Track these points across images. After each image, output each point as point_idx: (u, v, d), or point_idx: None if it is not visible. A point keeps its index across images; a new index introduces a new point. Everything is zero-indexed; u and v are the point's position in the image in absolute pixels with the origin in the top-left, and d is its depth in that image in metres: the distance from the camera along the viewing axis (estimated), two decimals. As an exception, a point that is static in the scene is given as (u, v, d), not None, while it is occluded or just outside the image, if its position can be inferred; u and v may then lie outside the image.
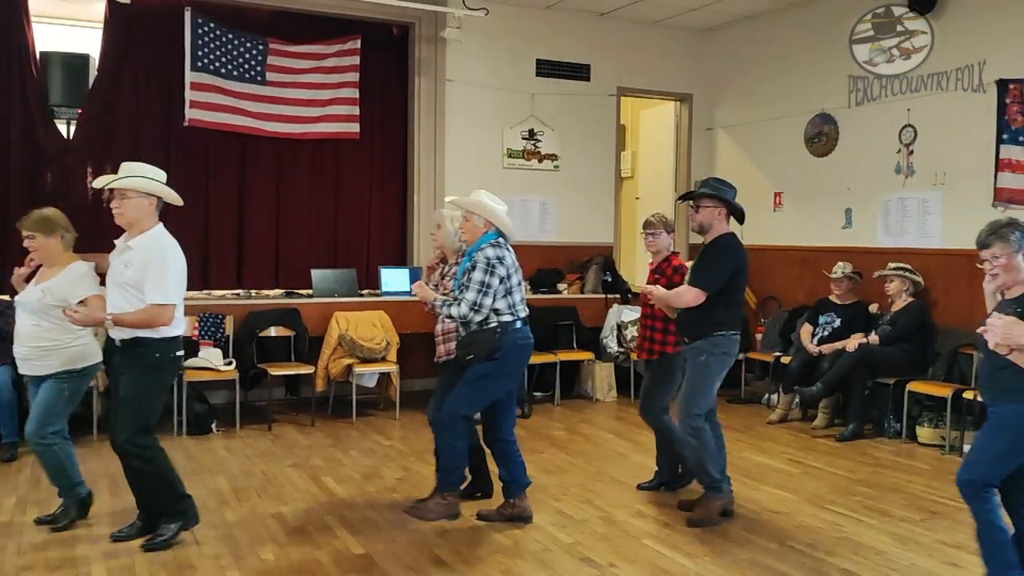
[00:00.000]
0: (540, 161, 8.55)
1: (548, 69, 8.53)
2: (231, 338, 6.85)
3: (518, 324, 4.48)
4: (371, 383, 7.12)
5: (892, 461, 5.98)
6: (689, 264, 4.86)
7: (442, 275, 4.90)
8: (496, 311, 4.39)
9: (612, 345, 7.93)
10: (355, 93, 7.96)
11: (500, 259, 4.39)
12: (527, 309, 4.59)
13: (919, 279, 6.72)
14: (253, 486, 5.19)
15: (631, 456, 6.02)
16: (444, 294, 4.60)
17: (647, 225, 5.15)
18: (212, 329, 6.75)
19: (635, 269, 9.85)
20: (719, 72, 9.05)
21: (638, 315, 8.01)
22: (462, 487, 4.72)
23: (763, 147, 8.60)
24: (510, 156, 8.42)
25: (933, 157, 6.87)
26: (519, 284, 4.50)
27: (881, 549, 4.29)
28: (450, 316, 4.42)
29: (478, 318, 4.35)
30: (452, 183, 8.13)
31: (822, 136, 7.91)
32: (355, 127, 7.97)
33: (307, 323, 7.00)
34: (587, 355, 7.92)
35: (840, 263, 7.16)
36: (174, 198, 4.21)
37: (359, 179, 8.22)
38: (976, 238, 3.51)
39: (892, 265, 6.82)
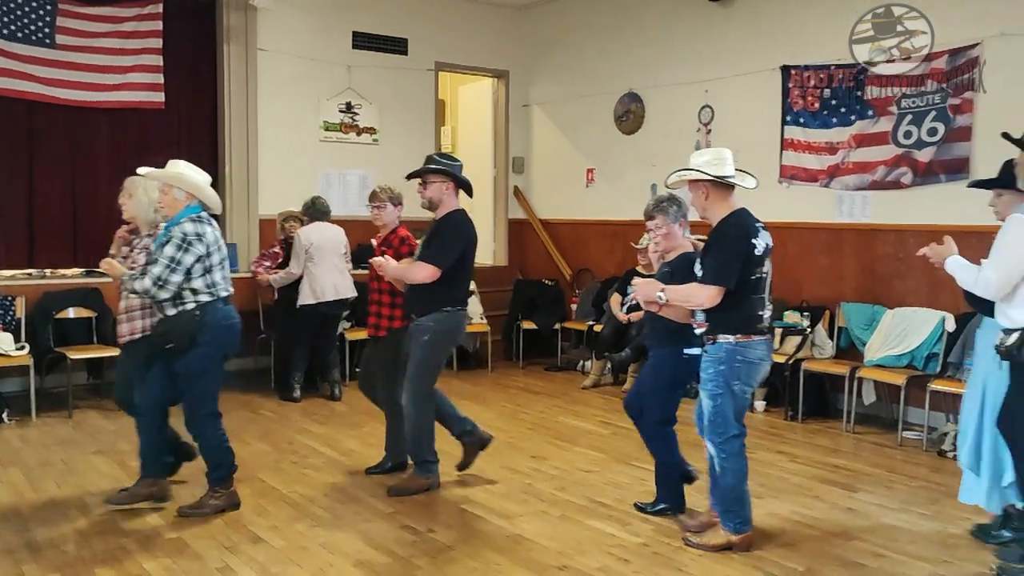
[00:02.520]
0: (358, 135, 8.45)
1: (365, 41, 8.42)
2: (23, 321, 6.37)
3: (219, 304, 4.18)
4: (183, 364, 6.83)
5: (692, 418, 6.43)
6: (418, 240, 4.79)
7: (131, 247, 4.49)
8: (194, 291, 4.08)
9: (434, 318, 8.00)
10: (158, 60, 7.52)
11: (199, 235, 4.07)
12: (231, 288, 4.29)
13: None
14: (52, 476, 4.88)
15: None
16: (131, 268, 4.24)
17: (373, 197, 5.00)
18: (0, 312, 6.24)
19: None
20: (535, 49, 9.28)
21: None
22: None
23: (576, 124, 8.92)
24: (327, 129, 8.27)
25: (728, 136, 7.38)
26: (222, 262, 4.20)
27: (680, 498, 4.63)
28: (134, 291, 4.07)
29: (163, 295, 4.01)
30: (266, 155, 7.91)
31: (630, 114, 8.30)
32: (159, 96, 7.54)
33: (111, 303, 6.60)
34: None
35: (646, 234, 7.55)
36: None
37: (165, 151, 7.64)
38: (644, 211, 4.24)
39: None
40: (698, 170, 3.82)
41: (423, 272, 4.44)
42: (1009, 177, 3.78)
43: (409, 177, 4.72)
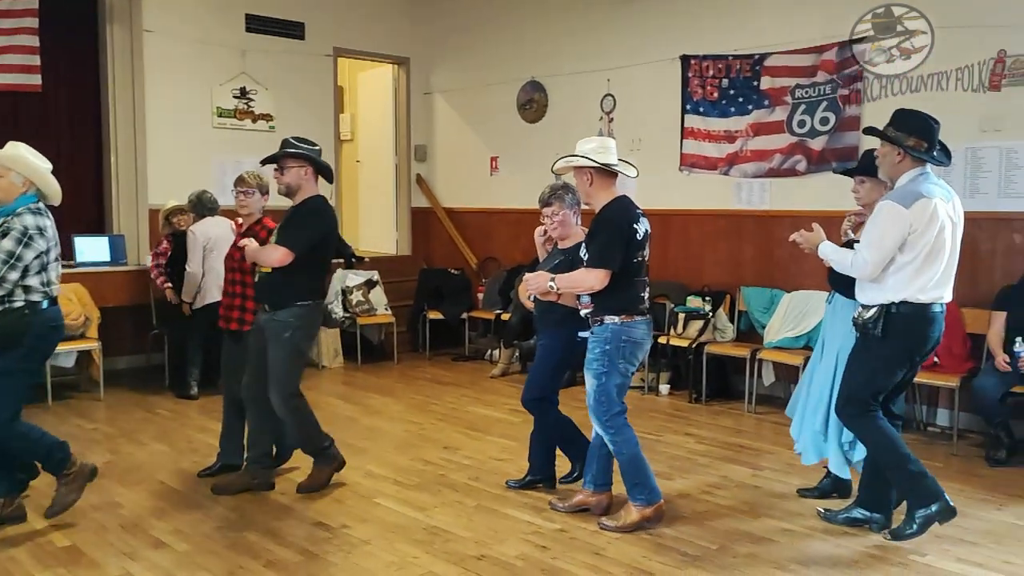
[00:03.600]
0: (254, 121, 8.16)
1: (259, 25, 8.12)
2: None
3: (48, 304, 3.86)
4: (69, 363, 6.46)
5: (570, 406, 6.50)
6: None
7: None
8: (26, 288, 3.76)
9: (337, 311, 7.82)
10: (34, 41, 7.03)
11: (41, 230, 3.76)
12: (60, 287, 4.01)
13: None
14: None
15: (361, 420, 6.01)
16: None
17: (240, 182, 4.73)
18: None
19: (358, 233, 9.79)
20: (436, 37, 9.16)
21: (362, 280, 8.04)
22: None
23: (480, 112, 8.86)
24: (220, 115, 7.95)
25: (630, 125, 7.47)
26: (57, 259, 3.91)
27: (594, 483, 4.66)
28: None
29: None
30: (156, 143, 7.54)
31: (533, 103, 8.30)
32: (36, 79, 7.05)
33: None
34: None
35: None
36: None
37: (44, 138, 7.26)
38: (539, 198, 4.32)
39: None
40: (584, 157, 3.93)
41: (276, 254, 4.21)
42: (871, 165, 4.00)
43: (264, 162, 4.51)
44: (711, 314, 6.63)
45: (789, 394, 6.34)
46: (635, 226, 3.90)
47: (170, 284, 6.60)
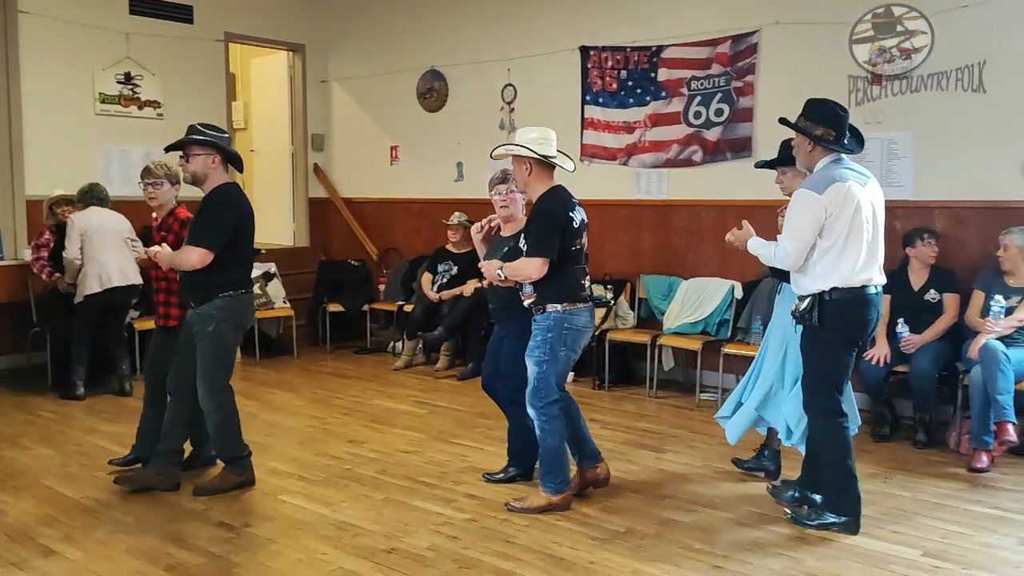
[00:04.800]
0: (140, 108, 7.79)
1: (144, 7, 7.75)
2: None
3: None
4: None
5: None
6: None
7: None
8: None
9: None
10: None
11: None
12: None
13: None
14: None
15: (261, 415, 5.84)
16: None
17: (147, 173, 4.56)
18: None
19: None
20: (332, 23, 8.95)
21: (259, 273, 7.81)
22: None
23: (379, 101, 8.73)
24: (103, 101, 7.55)
25: (531, 114, 7.49)
26: None
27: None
28: None
29: None
30: (33, 130, 7.11)
31: (433, 92, 8.23)
32: None
33: None
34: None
35: (457, 212, 7.56)
36: None
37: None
38: (491, 179, 4.43)
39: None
40: (526, 147, 3.98)
41: (194, 256, 4.10)
42: (789, 155, 4.10)
43: (168, 149, 4.36)
44: (612, 302, 6.74)
45: (688, 378, 6.56)
46: (571, 214, 3.97)
47: (58, 273, 6.28)
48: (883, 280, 3.84)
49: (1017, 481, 4.56)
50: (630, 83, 6.87)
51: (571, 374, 6.76)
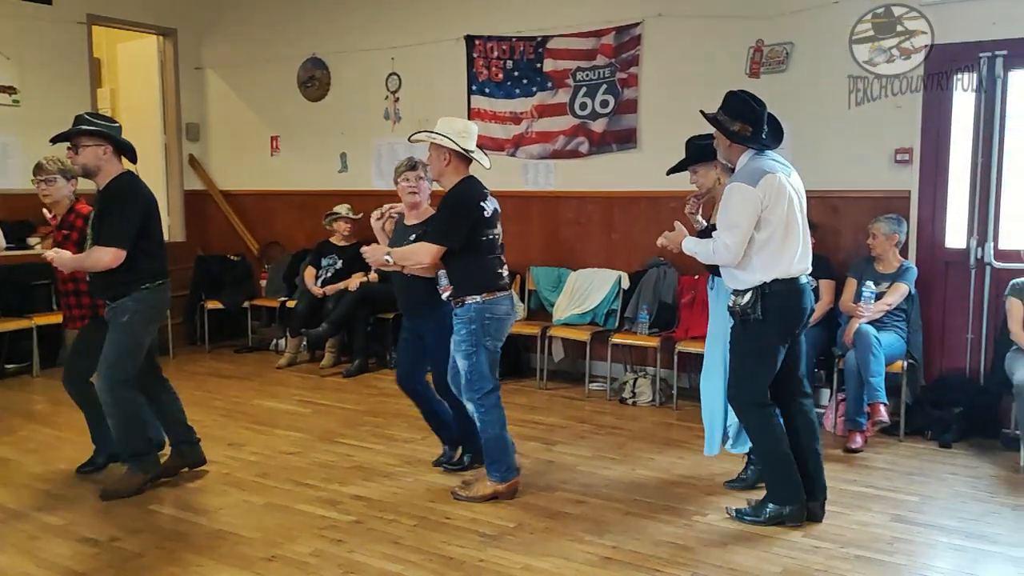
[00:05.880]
0: (-6, 93, 7.24)
1: (-4, -15, 7.20)
2: None
3: None
4: None
5: (394, 390, 6.36)
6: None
7: None
8: None
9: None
10: None
11: None
12: None
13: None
14: None
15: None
16: None
17: (38, 170, 4.39)
18: None
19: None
20: (205, 7, 8.53)
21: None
22: None
23: (258, 89, 8.38)
24: (-49, 86, 6.98)
25: (417, 104, 7.35)
26: None
27: (388, 471, 4.54)
28: None
29: None
30: None
31: (315, 80, 7.97)
32: None
33: None
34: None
35: (341, 205, 7.34)
36: None
37: None
38: (398, 165, 4.39)
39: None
40: (450, 139, 3.94)
41: (107, 258, 3.91)
42: (696, 154, 4.12)
43: (54, 140, 4.11)
44: (504, 294, 6.68)
45: (578, 369, 6.56)
46: (483, 204, 3.96)
47: None
48: (810, 270, 3.82)
49: (889, 460, 4.76)
50: (516, 73, 6.82)
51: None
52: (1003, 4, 5.05)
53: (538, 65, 6.70)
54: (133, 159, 4.21)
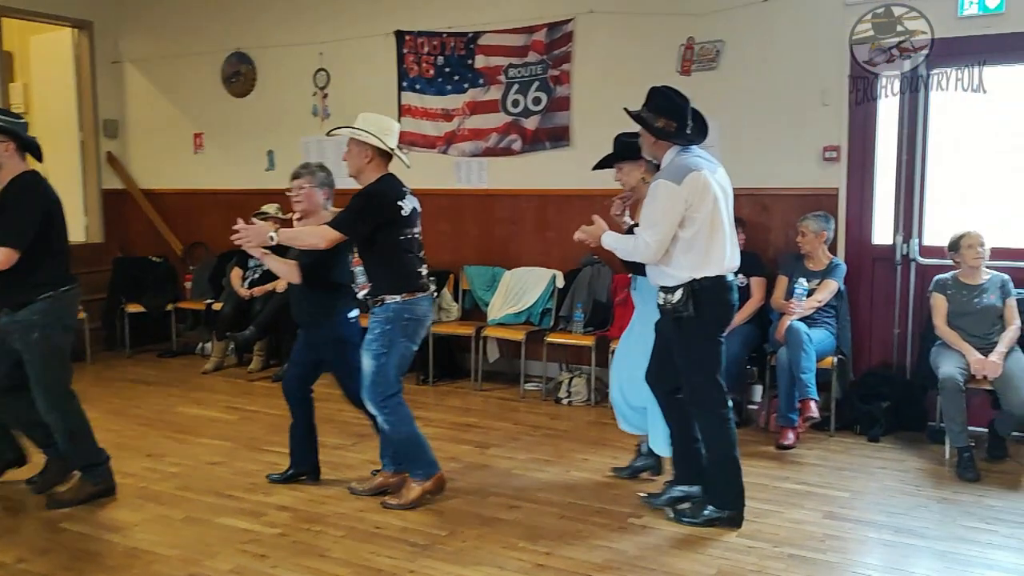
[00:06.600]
0: None
1: None
2: None
3: None
4: None
5: (326, 393, 6.18)
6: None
7: None
8: None
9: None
10: None
11: None
12: None
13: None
14: None
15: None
16: None
17: None
18: None
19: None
20: (122, -1, 8.22)
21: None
22: None
23: (180, 85, 8.09)
24: None
25: (346, 101, 7.16)
26: None
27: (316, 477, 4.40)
28: None
29: None
30: None
31: (240, 76, 7.72)
32: None
33: None
34: None
35: (269, 204, 7.11)
36: None
37: None
38: (292, 173, 4.23)
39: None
40: (374, 135, 3.85)
41: None
42: (621, 150, 4.06)
43: None
44: (436, 294, 6.56)
45: (513, 369, 6.48)
46: (401, 203, 3.88)
47: None
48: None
49: (820, 456, 4.79)
50: (447, 69, 6.70)
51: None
52: (922, 4, 5.12)
53: (469, 61, 6.59)
54: (38, 157, 4.01)
